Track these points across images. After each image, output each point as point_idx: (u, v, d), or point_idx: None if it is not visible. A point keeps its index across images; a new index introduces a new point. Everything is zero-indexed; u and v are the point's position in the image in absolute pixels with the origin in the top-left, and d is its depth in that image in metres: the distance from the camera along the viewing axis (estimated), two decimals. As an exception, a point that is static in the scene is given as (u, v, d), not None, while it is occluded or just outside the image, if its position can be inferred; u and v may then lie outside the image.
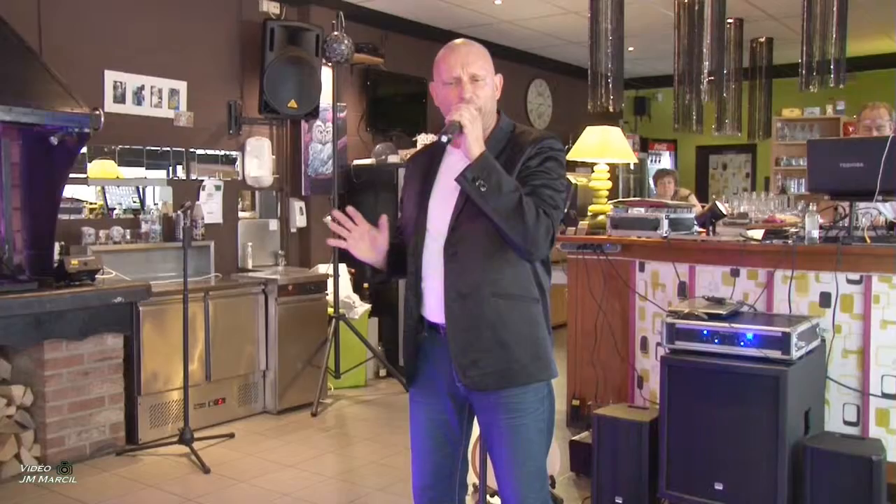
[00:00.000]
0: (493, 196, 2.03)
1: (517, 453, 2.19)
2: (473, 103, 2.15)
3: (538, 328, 2.20)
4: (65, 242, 4.60)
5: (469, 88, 2.16)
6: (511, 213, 2.04)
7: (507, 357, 2.14)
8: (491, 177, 2.04)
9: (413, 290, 2.25)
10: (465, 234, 2.14)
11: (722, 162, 11.12)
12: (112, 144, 5.02)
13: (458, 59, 2.19)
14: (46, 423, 4.16)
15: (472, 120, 2.08)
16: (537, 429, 2.21)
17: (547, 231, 2.07)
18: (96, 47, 4.92)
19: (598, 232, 4.49)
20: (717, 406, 3.13)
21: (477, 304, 2.13)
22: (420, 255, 2.22)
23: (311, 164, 6.23)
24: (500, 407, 2.18)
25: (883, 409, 3.40)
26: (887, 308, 3.38)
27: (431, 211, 2.22)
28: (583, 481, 3.85)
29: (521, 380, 2.16)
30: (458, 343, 2.14)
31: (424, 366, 2.28)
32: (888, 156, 3.26)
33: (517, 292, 2.16)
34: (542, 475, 2.24)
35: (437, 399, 2.27)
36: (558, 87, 9.34)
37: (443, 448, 2.30)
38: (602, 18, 5.47)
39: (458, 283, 2.14)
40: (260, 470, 4.23)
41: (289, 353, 5.32)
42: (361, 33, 6.49)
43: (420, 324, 2.26)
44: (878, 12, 6.73)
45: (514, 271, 2.15)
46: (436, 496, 2.31)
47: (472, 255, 2.13)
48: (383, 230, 2.26)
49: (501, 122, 2.26)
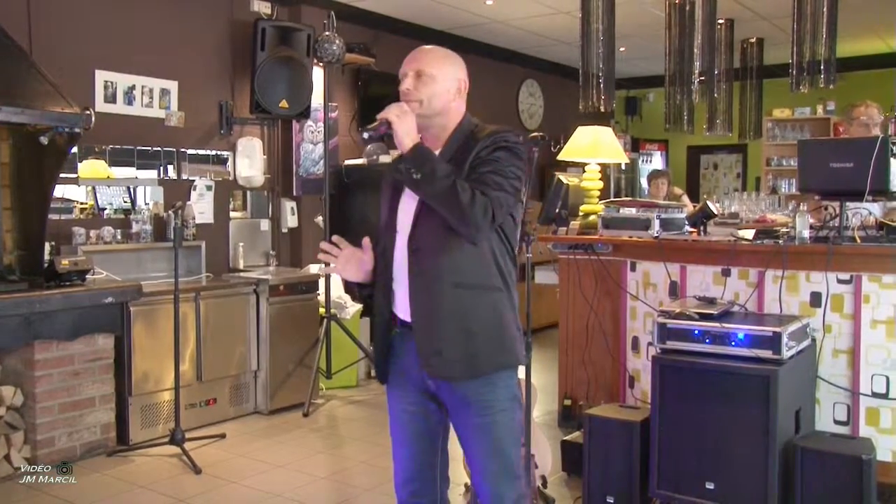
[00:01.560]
0: (427, 183, 2.09)
1: (489, 452, 2.24)
2: (410, 97, 2.22)
3: (502, 317, 2.23)
4: (55, 242, 4.58)
5: (408, 82, 2.24)
6: (445, 195, 2.09)
7: (471, 346, 2.18)
8: (424, 165, 2.09)
9: (382, 289, 2.31)
10: (425, 228, 2.19)
11: (713, 162, 11.15)
12: (103, 144, 5.00)
13: (409, 59, 2.29)
14: (37, 424, 4.13)
15: (399, 115, 2.14)
16: (508, 427, 2.25)
17: (485, 209, 2.10)
18: (87, 47, 4.90)
19: (589, 232, 4.50)
20: (708, 405, 3.14)
21: (439, 294, 2.18)
22: (391, 254, 2.28)
23: (302, 164, 6.22)
24: (469, 405, 2.22)
25: (873, 408, 3.42)
26: (877, 308, 3.40)
27: (400, 213, 2.28)
28: (574, 481, 3.86)
29: (486, 369, 2.20)
30: (423, 333, 2.20)
31: (396, 362, 2.33)
32: (878, 156, 3.28)
33: (478, 281, 2.20)
34: (515, 470, 2.28)
35: (411, 393, 2.31)
36: (549, 88, 9.36)
37: (421, 441, 2.34)
38: (593, 19, 5.48)
39: (422, 275, 2.19)
40: (251, 470, 4.22)
41: (280, 353, 5.31)
42: (353, 33, 6.48)
43: (391, 322, 2.31)
44: (867, 13, 6.77)
45: (473, 261, 2.20)
46: (418, 488, 2.35)
47: (433, 248, 2.18)
48: (367, 251, 2.33)
49: (464, 122, 2.31)
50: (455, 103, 2.29)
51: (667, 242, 3.92)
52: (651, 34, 7.04)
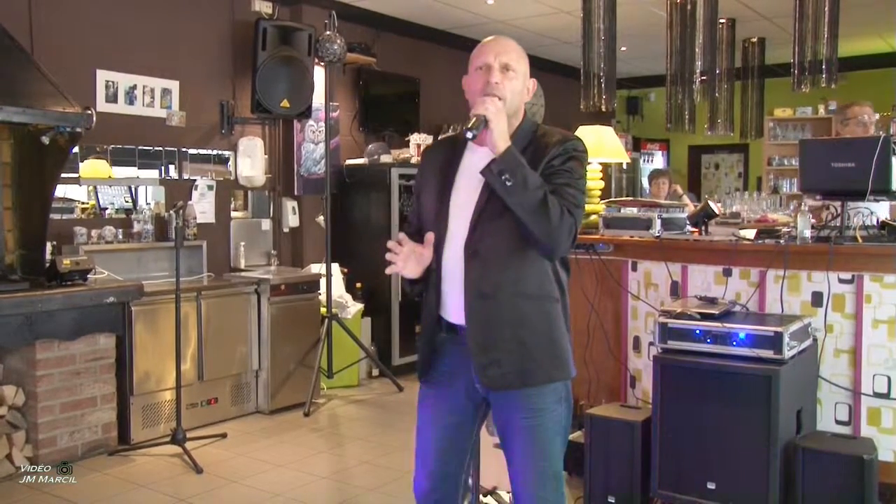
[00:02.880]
0: (519, 191, 2.01)
1: (534, 454, 2.17)
2: (499, 91, 2.12)
3: (557, 328, 2.19)
4: (56, 242, 4.58)
5: (497, 75, 2.14)
6: (536, 209, 2.01)
7: (527, 356, 2.13)
8: (517, 171, 2.01)
9: (434, 288, 2.21)
10: (486, 232, 2.11)
11: (714, 162, 11.14)
12: (104, 144, 5.00)
13: (492, 48, 2.19)
14: (38, 424, 4.14)
15: (496, 113, 2.05)
16: (555, 430, 2.19)
17: (570, 229, 2.05)
18: (88, 46, 4.90)
19: (590, 232, 4.49)
20: (709, 405, 3.14)
21: (498, 303, 2.11)
22: (441, 253, 2.18)
23: (303, 164, 6.22)
24: (519, 406, 2.16)
25: (874, 408, 3.41)
26: (879, 307, 3.39)
27: (453, 209, 2.18)
28: (575, 481, 3.85)
29: (540, 379, 2.15)
30: (479, 342, 2.12)
31: (441, 366, 2.25)
32: (880, 155, 3.27)
33: (538, 292, 2.15)
34: (558, 477, 2.21)
35: (454, 400, 2.24)
36: (551, 87, 9.35)
37: (453, 449, 2.27)
38: (594, 18, 5.48)
39: (480, 282, 2.11)
40: (252, 470, 4.22)
41: (281, 352, 5.31)
42: (354, 33, 6.48)
43: (438, 324, 2.23)
44: (869, 12, 6.76)
45: (535, 271, 2.14)
46: (441, 498, 2.28)
47: (494, 254, 2.11)
48: (428, 246, 2.17)
49: (525, 123, 2.24)
50: (523, 103, 2.24)
51: (668, 242, 3.92)
52: (652, 34, 7.03)
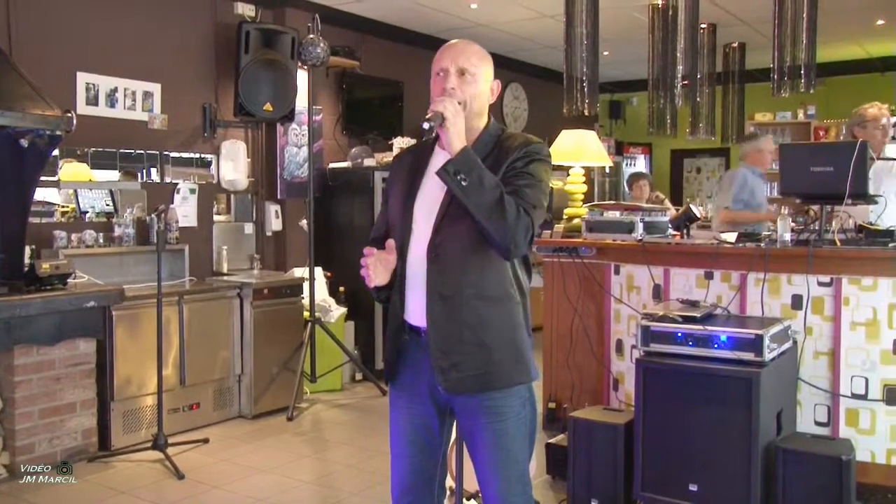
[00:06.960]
0: (475, 191, 2.01)
1: (500, 458, 2.18)
2: (455, 96, 2.12)
3: (518, 330, 2.19)
4: (36, 246, 4.53)
5: (453, 80, 2.15)
6: (492, 209, 2.01)
7: (488, 360, 2.13)
8: (472, 171, 2.02)
9: (398, 291, 2.22)
10: (447, 235, 2.12)
11: (696, 165, 11.21)
12: (85, 147, 4.96)
13: (449, 53, 2.19)
14: (16, 430, 4.09)
15: (454, 113, 2.06)
16: (520, 433, 2.20)
17: (527, 229, 2.05)
18: (68, 48, 4.86)
19: (573, 235, 4.51)
20: (691, 408, 3.16)
21: (458, 305, 2.12)
22: (405, 257, 2.19)
23: (286, 168, 6.20)
24: (482, 411, 2.16)
25: (853, 409, 3.45)
26: (857, 310, 3.43)
27: (417, 212, 2.19)
28: (559, 484, 3.86)
29: (501, 383, 2.15)
30: (439, 345, 2.13)
31: (406, 369, 2.26)
32: (857, 160, 3.32)
33: (498, 294, 2.15)
34: (524, 478, 2.23)
35: (418, 403, 2.25)
36: (534, 91, 9.39)
37: (423, 452, 2.27)
38: (577, 23, 5.50)
39: (440, 284, 2.12)
40: (235, 475, 4.20)
41: (264, 357, 5.29)
42: (337, 36, 6.47)
43: (402, 327, 2.24)
44: (846, 20, 6.85)
45: (495, 273, 2.15)
46: (415, 500, 2.29)
47: (454, 257, 2.12)
48: (391, 251, 2.18)
49: (490, 126, 2.24)
50: (487, 106, 2.23)
51: (650, 246, 3.95)
52: (634, 38, 7.08)
